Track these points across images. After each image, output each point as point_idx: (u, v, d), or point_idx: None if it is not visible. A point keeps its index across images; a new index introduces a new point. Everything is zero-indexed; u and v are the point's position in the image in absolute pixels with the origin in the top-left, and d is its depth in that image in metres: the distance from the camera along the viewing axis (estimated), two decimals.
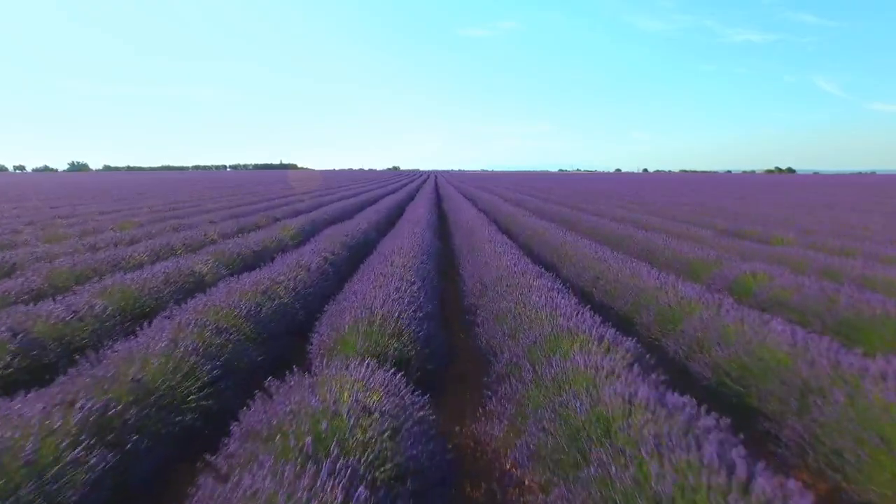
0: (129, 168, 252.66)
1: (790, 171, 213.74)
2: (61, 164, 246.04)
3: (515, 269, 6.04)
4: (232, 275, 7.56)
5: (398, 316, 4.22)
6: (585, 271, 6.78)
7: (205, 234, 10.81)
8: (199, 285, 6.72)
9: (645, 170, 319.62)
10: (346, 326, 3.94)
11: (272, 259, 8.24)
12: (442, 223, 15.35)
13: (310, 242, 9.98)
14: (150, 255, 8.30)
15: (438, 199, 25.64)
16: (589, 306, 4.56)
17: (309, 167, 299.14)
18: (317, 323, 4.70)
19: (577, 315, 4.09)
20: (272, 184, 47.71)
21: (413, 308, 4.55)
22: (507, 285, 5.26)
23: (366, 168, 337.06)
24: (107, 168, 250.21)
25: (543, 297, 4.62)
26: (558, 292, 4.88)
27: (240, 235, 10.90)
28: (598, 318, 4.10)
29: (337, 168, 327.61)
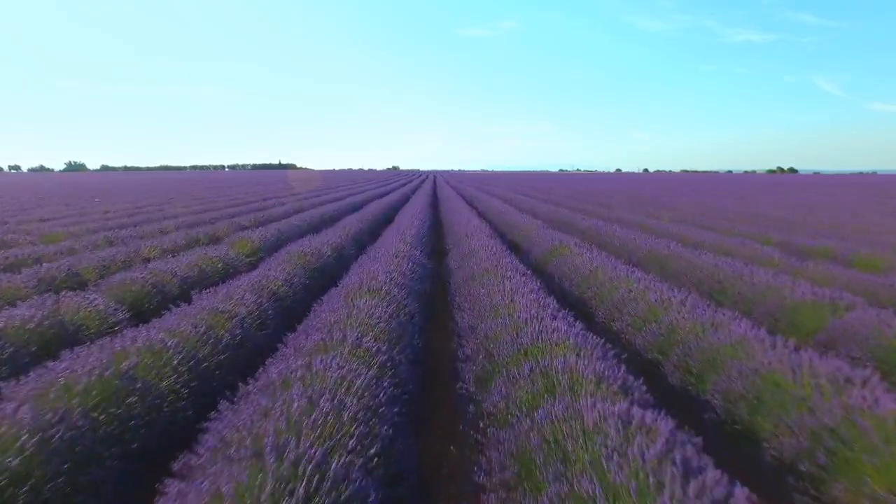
0: (125, 168, 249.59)
1: (792, 171, 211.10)
2: (58, 164, 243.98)
3: (541, 325, 3.84)
4: (138, 319, 5.40)
5: (325, 471, 2.03)
6: (644, 324, 4.55)
7: (137, 252, 8.61)
8: (66, 341, 4.52)
9: (645, 170, 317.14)
10: None
11: (212, 287, 6.08)
12: (436, 233, 13.15)
13: (268, 261, 7.80)
14: (33, 287, 6.10)
15: (435, 203, 23.44)
16: (672, 419, 2.37)
17: (308, 167, 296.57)
18: (188, 456, 2.48)
19: (685, 474, 1.90)
20: (264, 184, 45.61)
21: (362, 438, 2.36)
22: (530, 369, 3.07)
23: (365, 168, 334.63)
24: (105, 168, 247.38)
25: (607, 409, 2.43)
26: (631, 400, 2.68)
27: (183, 252, 8.71)
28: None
29: (337, 168, 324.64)
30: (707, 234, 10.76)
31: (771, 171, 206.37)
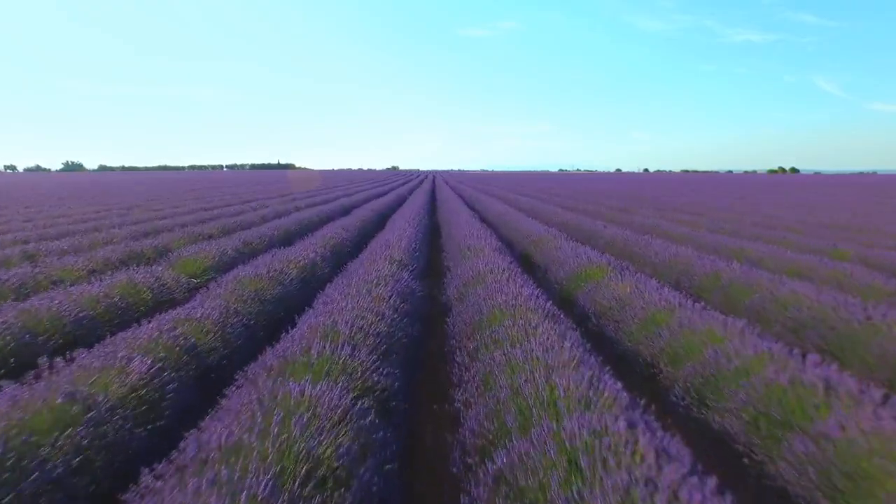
0: (123, 168, 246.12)
1: (794, 170, 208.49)
2: (56, 164, 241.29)
3: (615, 449, 1.98)
4: None
5: None
6: (781, 431, 2.64)
7: (47, 273, 6.70)
8: None
9: (646, 170, 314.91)
10: None
11: (133, 326, 4.25)
12: (433, 244, 11.25)
13: (212, 287, 5.95)
14: None
15: (433, 205, 21.55)
16: None
17: (307, 167, 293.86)
18: None
19: None
20: (258, 184, 43.81)
21: None
22: None
23: (365, 168, 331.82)
24: (103, 168, 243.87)
25: None
26: None
27: (114, 272, 6.85)
28: None
29: (336, 168, 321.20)
30: (759, 245, 8.89)
31: (773, 171, 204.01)
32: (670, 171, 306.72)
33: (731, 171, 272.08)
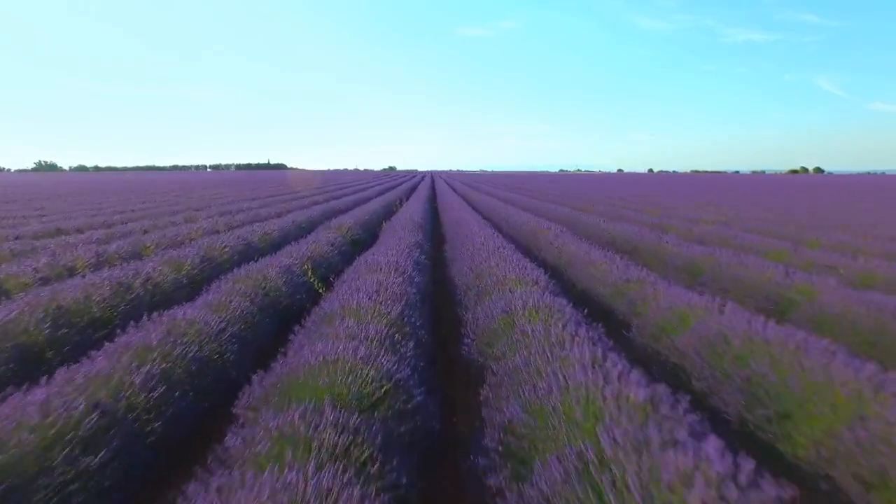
0: (96, 168, 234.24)
1: (818, 171, 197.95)
2: (25, 164, 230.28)
3: None
4: None
5: None
6: None
7: None
8: None
9: (650, 170, 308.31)
10: None
11: None
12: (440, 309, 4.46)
13: None
14: None
15: (434, 218, 14.86)
16: None
17: (300, 167, 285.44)
18: None
19: None
20: (225, 187, 37.32)
21: None
22: None
23: (361, 168, 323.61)
24: (80, 168, 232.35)
25: None
26: None
27: None
28: None
29: (331, 168, 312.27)
30: None
31: (794, 172, 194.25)
32: (675, 171, 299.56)
33: (738, 172, 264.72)
